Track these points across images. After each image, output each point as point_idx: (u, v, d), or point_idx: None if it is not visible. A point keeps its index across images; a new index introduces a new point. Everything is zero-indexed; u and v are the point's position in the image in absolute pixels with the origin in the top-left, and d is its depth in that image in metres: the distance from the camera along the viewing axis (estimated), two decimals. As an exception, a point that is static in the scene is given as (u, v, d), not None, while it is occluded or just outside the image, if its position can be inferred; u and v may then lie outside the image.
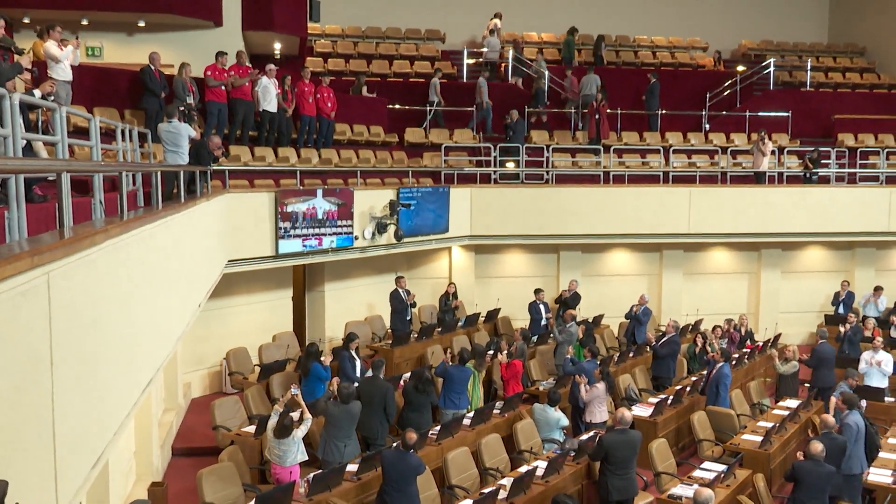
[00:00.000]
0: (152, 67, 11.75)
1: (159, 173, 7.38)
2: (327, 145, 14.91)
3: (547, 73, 18.75)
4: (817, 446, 8.15)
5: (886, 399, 11.95)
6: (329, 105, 14.65)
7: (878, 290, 16.46)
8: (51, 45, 8.91)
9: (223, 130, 12.88)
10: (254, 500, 7.36)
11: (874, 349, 12.55)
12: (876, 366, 12.34)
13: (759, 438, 10.05)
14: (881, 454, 9.78)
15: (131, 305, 5.02)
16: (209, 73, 12.68)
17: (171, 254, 6.70)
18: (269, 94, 13.50)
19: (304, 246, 12.35)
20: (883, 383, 12.28)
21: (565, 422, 10.17)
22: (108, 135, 9.09)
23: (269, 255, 12.03)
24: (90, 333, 4.01)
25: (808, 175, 17.20)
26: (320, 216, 12.51)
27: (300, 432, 8.35)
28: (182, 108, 10.49)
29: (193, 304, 8.38)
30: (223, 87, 12.83)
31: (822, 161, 17.55)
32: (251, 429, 9.62)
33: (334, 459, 8.74)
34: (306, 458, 8.54)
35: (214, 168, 10.91)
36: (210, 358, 12.83)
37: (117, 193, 5.95)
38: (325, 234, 12.60)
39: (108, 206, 5.79)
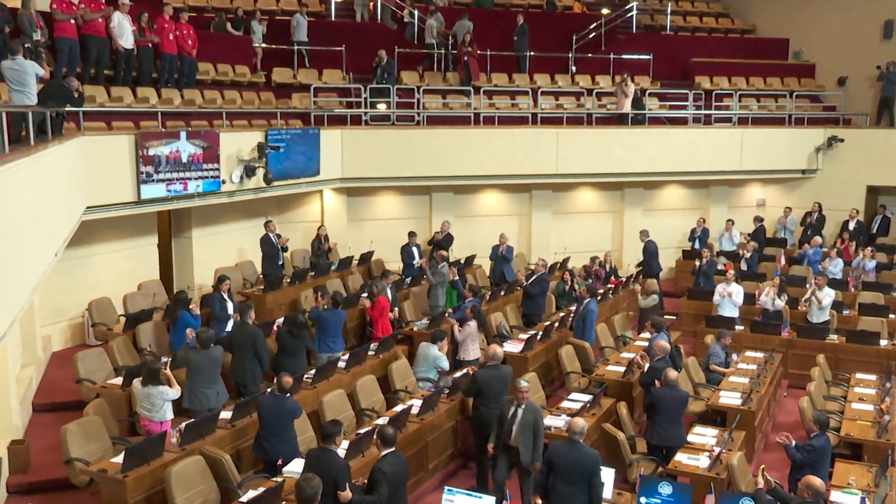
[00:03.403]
0: (-8, 0, 10.88)
1: (4, 114, 6.88)
2: (190, 85, 14.31)
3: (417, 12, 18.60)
4: (672, 373, 8.65)
5: (737, 327, 12.79)
6: (190, 43, 14.03)
7: (729, 222, 17.47)
8: None
9: (76, 69, 12.13)
10: (123, 453, 7.18)
11: (726, 282, 13.35)
12: (728, 297, 13.16)
13: (622, 369, 10.58)
14: (731, 378, 10.51)
15: (-22, 256, 4.73)
16: (55, 6, 11.85)
17: (20, 201, 6.32)
18: (123, 30, 12.79)
19: (169, 191, 11.90)
20: (734, 313, 13.13)
21: (444, 363, 10.32)
22: (-57, 73, 8.40)
23: (131, 201, 11.54)
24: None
25: (637, 117, 17.74)
26: (185, 160, 12.06)
27: (170, 394, 8.15)
28: (27, 45, 9.80)
29: (49, 254, 7.98)
30: (73, 22, 12.03)
31: (671, 102, 18.29)
32: (118, 381, 9.31)
33: (202, 407, 8.62)
34: (172, 416, 8.36)
35: (68, 109, 10.30)
36: (71, 309, 12.29)
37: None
38: (190, 179, 12.17)
39: (-53, 150, 5.39)
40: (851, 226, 17.14)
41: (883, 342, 12.08)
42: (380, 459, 6.72)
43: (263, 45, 16.85)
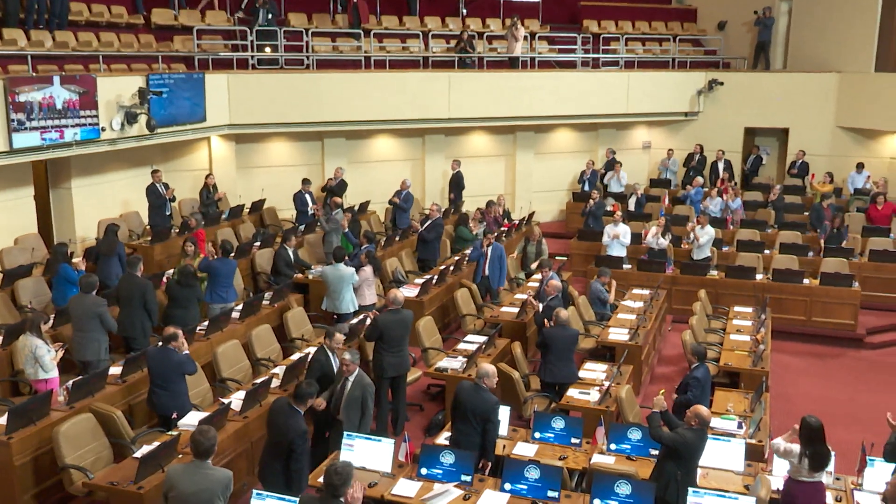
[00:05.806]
0: None
1: None
2: (62, 27, 13.50)
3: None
4: (563, 313, 8.89)
5: (625, 266, 13.24)
6: (60, -20, 13.22)
7: (617, 164, 17.92)
8: None
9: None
10: (6, 414, 6.90)
11: (615, 223, 13.75)
12: (616, 238, 13.57)
13: (516, 310, 10.82)
14: (619, 315, 10.91)
15: None
16: None
17: None
18: (-16, -34, 11.93)
19: (44, 139, 11.29)
20: (622, 253, 13.56)
21: (356, 278, 10.34)
22: None
23: (2, 151, 10.90)
24: None
25: (465, 60, 17.62)
26: (60, 106, 11.44)
27: (45, 353, 7.85)
28: None
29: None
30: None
31: (560, 46, 18.46)
32: (-3, 340, 8.91)
33: (80, 356, 8.55)
34: (56, 375, 8.08)
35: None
36: (-59, 267, 11.60)
37: None
38: (66, 126, 11.58)
39: None
40: (720, 166, 17.88)
41: (759, 276, 12.76)
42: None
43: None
